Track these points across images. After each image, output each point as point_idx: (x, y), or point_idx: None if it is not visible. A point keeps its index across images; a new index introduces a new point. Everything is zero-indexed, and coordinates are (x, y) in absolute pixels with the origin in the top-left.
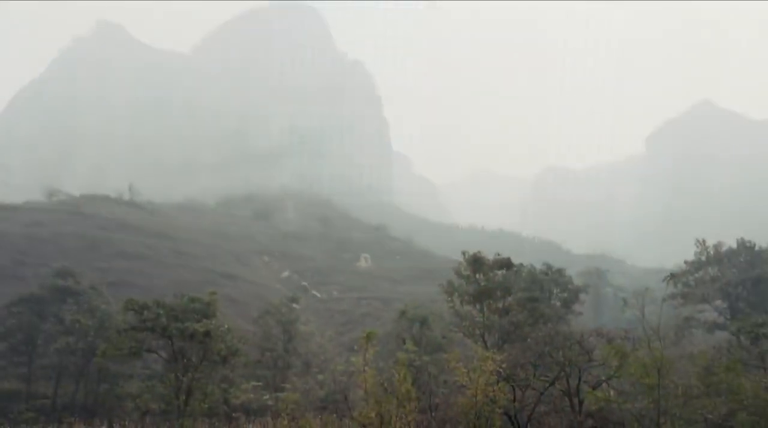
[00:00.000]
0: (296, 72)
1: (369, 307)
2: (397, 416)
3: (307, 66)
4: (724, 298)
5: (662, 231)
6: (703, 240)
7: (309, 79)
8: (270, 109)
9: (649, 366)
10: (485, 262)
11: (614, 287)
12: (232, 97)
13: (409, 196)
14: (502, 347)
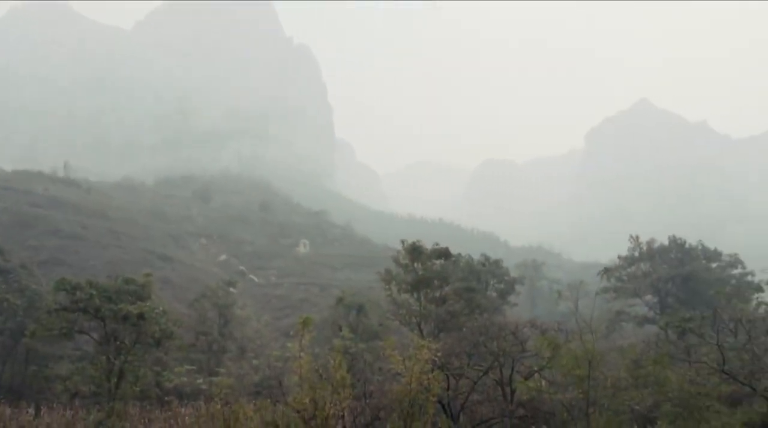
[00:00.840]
0: (241, 54)
1: (307, 293)
2: (331, 402)
3: (252, 48)
4: (655, 293)
5: (598, 225)
6: (636, 237)
7: (254, 62)
8: (213, 89)
9: (581, 358)
10: (424, 252)
11: (550, 280)
12: (174, 76)
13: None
14: (437, 336)
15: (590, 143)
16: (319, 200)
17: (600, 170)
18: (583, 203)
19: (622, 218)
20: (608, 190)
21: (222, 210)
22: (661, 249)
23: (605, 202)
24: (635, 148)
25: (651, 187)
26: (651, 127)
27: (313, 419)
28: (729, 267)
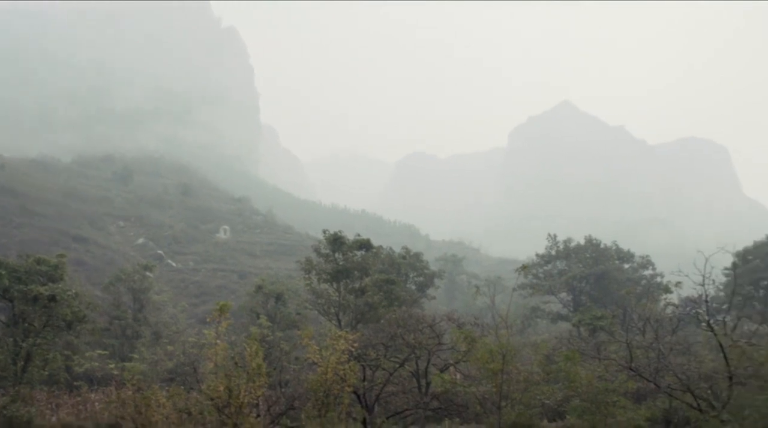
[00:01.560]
0: (167, 33)
1: (225, 280)
2: (245, 391)
3: (178, 27)
4: (569, 291)
5: (518, 222)
6: (554, 235)
7: (180, 42)
8: (136, 67)
9: (495, 352)
10: (345, 242)
11: (468, 274)
12: (96, 51)
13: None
14: (355, 327)
15: (513, 141)
16: (241, 186)
17: (521, 168)
18: (504, 200)
19: (541, 216)
20: (528, 187)
21: (141, 192)
22: (577, 249)
23: (525, 200)
24: (556, 148)
25: (570, 186)
26: (572, 128)
27: (227, 407)
28: (640, 268)
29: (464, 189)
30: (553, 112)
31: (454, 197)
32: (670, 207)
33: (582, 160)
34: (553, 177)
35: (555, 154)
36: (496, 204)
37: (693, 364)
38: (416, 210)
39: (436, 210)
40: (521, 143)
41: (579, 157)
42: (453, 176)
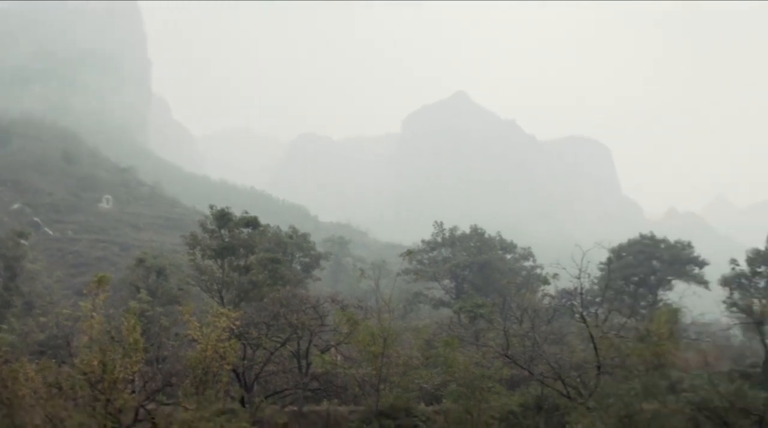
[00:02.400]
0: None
1: (106, 251)
2: (121, 366)
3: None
4: (452, 278)
5: (406, 208)
6: (440, 223)
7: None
8: (22, 26)
9: (377, 335)
10: (232, 219)
11: (354, 257)
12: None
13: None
14: (238, 305)
15: (406, 129)
16: (128, 156)
17: (413, 155)
18: (394, 185)
19: (429, 203)
20: (419, 175)
21: (20, 155)
22: (463, 237)
23: (415, 187)
24: (448, 138)
25: (460, 176)
26: (465, 119)
27: (100, 382)
28: (522, 260)
29: (356, 172)
30: (447, 102)
31: (345, 180)
32: (554, 201)
33: (473, 150)
34: (443, 166)
35: (447, 144)
36: (387, 189)
37: (565, 353)
38: (307, 190)
39: (327, 191)
40: (414, 131)
41: (470, 147)
42: (345, 159)
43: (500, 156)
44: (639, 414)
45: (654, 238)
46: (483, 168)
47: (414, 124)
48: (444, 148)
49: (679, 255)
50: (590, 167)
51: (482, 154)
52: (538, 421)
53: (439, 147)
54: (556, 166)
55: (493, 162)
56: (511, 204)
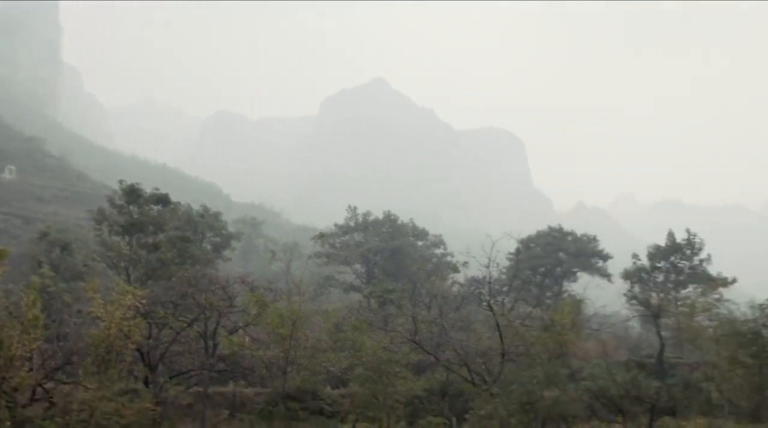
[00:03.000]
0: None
1: (7, 223)
2: (19, 342)
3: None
4: (364, 263)
5: (321, 192)
6: (354, 207)
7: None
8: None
9: (286, 317)
10: (142, 195)
11: (266, 239)
12: None
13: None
14: (145, 283)
15: (324, 112)
16: (35, 126)
17: (330, 139)
18: (310, 168)
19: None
20: (335, 158)
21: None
22: (376, 223)
23: (330, 170)
24: (365, 123)
25: (376, 161)
26: (383, 105)
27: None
28: (433, 247)
29: (271, 153)
30: (365, 88)
31: (260, 160)
32: (467, 191)
33: (389, 137)
34: (360, 150)
35: (364, 129)
36: (302, 171)
37: (472, 341)
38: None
39: (241, 171)
40: (332, 114)
41: (386, 134)
42: (261, 139)
43: (415, 143)
44: (540, 401)
45: (562, 231)
46: (398, 154)
47: (331, 107)
48: (360, 133)
49: (584, 248)
50: (504, 159)
51: (398, 141)
52: (442, 406)
53: (355, 132)
54: (471, 156)
55: (408, 149)
56: (424, 191)
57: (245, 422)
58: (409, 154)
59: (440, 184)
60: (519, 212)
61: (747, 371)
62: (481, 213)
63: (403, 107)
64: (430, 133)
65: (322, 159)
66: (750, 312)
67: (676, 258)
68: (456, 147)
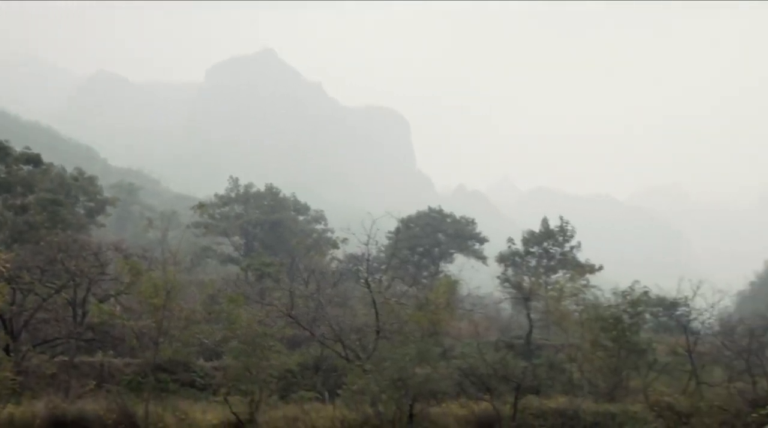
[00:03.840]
0: None
1: None
2: None
3: None
4: (243, 235)
5: (203, 160)
6: (236, 178)
7: None
8: None
9: (160, 287)
10: (11, 153)
11: (144, 206)
12: None
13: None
14: (11, 246)
15: (210, 79)
16: None
17: (214, 107)
18: (192, 136)
19: (227, 157)
20: (218, 128)
21: None
22: (257, 195)
23: (213, 139)
24: (252, 93)
25: (260, 133)
26: (270, 77)
27: None
28: (314, 222)
29: (152, 118)
30: (254, 58)
31: (140, 124)
32: (350, 168)
33: (275, 109)
34: (244, 121)
35: (249, 99)
36: (184, 139)
37: (347, 317)
38: (98, 131)
39: (120, 134)
40: (218, 83)
41: (273, 105)
42: (142, 103)
43: (301, 117)
44: (411, 378)
45: (441, 213)
46: (283, 127)
47: (218, 75)
48: (246, 104)
49: (463, 230)
50: (389, 139)
51: (283, 114)
52: (315, 381)
53: (241, 102)
54: (356, 133)
55: (294, 122)
56: (308, 166)
57: (113, 393)
58: (292, 127)
59: (323, 159)
60: (401, 192)
61: (607, 353)
62: (363, 190)
63: (290, 79)
64: (315, 108)
65: (206, 127)
66: (613, 298)
67: (549, 244)
68: (342, 123)
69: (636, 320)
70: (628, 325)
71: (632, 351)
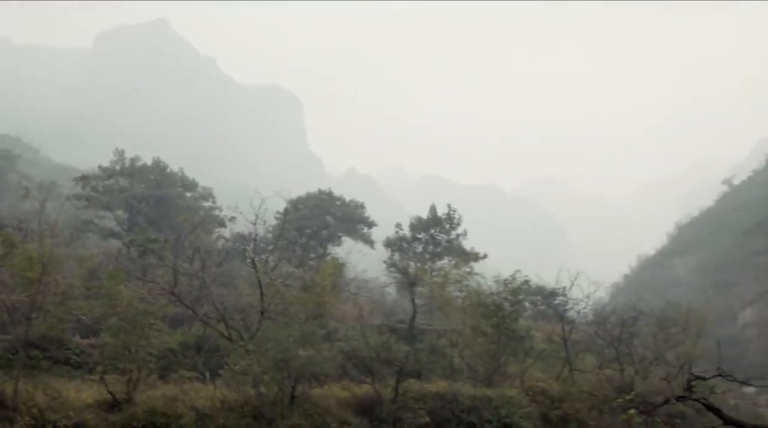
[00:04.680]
0: None
1: None
2: None
3: None
4: (127, 210)
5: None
6: (122, 151)
7: None
8: None
9: (35, 260)
10: None
11: (21, 175)
12: None
13: None
14: None
15: (99, 45)
16: None
17: (102, 75)
18: (77, 103)
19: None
20: (106, 97)
21: None
22: (144, 169)
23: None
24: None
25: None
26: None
27: None
28: (201, 199)
29: (33, 82)
30: (147, 27)
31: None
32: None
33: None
34: (133, 91)
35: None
36: (68, 106)
37: (232, 296)
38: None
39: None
40: (107, 49)
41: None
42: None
43: (193, 92)
44: (294, 359)
45: (331, 195)
46: (173, 101)
47: (107, 42)
48: (136, 74)
49: (352, 214)
50: (282, 118)
51: (174, 87)
52: (197, 360)
53: (130, 71)
54: (249, 111)
55: (185, 97)
56: (198, 142)
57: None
58: (184, 102)
59: (214, 135)
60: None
61: (487, 339)
62: (254, 169)
63: (184, 53)
64: (209, 83)
65: (91, 96)
66: (495, 286)
67: (436, 231)
68: (235, 101)
69: (516, 308)
70: (509, 313)
71: (511, 337)
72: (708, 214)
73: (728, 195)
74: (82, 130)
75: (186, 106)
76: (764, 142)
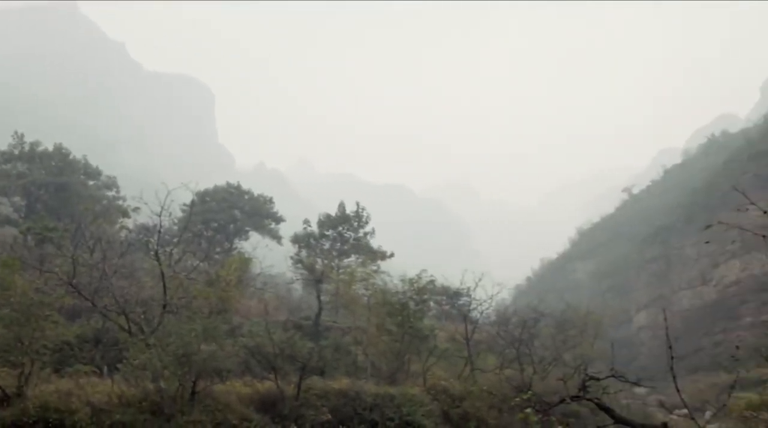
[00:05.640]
0: None
1: None
2: None
3: None
4: (25, 196)
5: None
6: (21, 134)
7: None
8: None
9: None
10: None
11: None
12: None
13: None
14: None
15: None
16: None
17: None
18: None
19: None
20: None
21: None
22: (44, 154)
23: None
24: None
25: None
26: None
27: None
28: (105, 188)
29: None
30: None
31: None
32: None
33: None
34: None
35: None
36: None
37: (133, 289)
38: None
39: None
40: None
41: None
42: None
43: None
44: (196, 354)
45: (240, 189)
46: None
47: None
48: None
49: (260, 208)
50: (193, 109)
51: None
52: (95, 354)
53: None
54: (158, 100)
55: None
56: (104, 128)
57: None
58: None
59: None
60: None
61: (391, 338)
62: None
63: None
64: (115, 68)
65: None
66: (401, 285)
67: (344, 228)
68: (144, 88)
69: (421, 307)
70: (413, 312)
71: (415, 336)
72: (608, 221)
73: (627, 203)
74: None
75: (91, 90)
76: (663, 152)
